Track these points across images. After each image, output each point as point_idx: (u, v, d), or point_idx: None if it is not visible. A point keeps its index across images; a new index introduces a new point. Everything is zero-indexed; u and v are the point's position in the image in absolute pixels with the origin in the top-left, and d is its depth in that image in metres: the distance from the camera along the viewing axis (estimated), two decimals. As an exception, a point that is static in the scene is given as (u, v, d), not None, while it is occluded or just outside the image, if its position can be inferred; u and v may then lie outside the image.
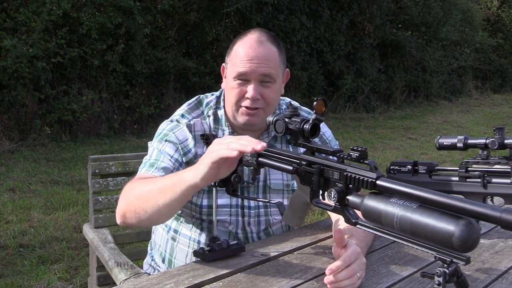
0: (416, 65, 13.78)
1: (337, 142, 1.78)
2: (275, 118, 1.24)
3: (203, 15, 9.19)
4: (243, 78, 1.55)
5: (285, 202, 1.65)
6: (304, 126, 1.18)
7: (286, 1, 10.15)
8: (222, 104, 1.67)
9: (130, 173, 2.16)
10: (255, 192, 1.64)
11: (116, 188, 2.15)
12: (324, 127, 1.74)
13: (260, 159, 1.27)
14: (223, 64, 1.67)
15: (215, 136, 1.41)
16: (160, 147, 1.57)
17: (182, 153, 1.58)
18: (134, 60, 8.04)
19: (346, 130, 9.38)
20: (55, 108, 7.34)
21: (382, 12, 12.51)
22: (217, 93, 1.71)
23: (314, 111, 1.18)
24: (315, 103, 1.18)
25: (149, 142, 1.66)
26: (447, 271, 0.91)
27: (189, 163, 1.57)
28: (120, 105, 8.24)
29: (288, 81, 1.74)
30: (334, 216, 1.54)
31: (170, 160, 1.54)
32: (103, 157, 2.16)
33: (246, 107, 1.56)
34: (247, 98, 1.55)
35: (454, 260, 0.90)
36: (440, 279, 0.91)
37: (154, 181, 1.34)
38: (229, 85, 1.59)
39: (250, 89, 1.54)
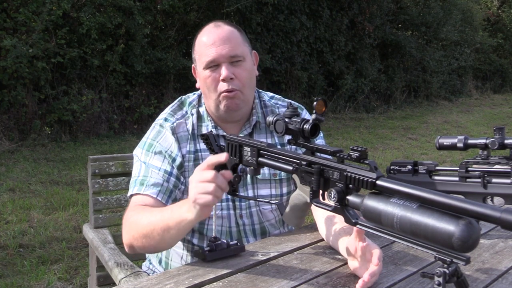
0: (416, 65, 13.78)
1: (321, 134, 1.78)
2: (275, 118, 1.24)
3: (203, 15, 9.19)
4: (213, 65, 1.57)
5: (273, 191, 1.68)
6: (304, 126, 1.18)
7: (286, 1, 10.15)
8: (203, 101, 1.69)
9: (130, 173, 2.15)
10: (243, 184, 1.66)
11: (116, 188, 2.15)
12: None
13: (260, 159, 1.27)
14: (193, 65, 1.69)
15: (215, 136, 1.41)
16: (148, 160, 1.59)
17: (170, 161, 1.59)
18: (134, 60, 8.04)
19: (346, 130, 9.38)
20: (55, 108, 7.34)
21: (382, 12, 12.51)
22: (198, 92, 1.73)
23: (314, 111, 1.18)
24: (315, 103, 1.18)
25: (134, 152, 1.66)
26: (447, 271, 0.91)
27: (181, 167, 1.60)
28: (120, 105, 8.24)
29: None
30: (319, 220, 1.53)
31: (158, 173, 1.56)
32: (103, 157, 2.16)
33: (224, 92, 1.57)
34: (222, 80, 1.56)
35: (454, 260, 0.90)
36: (440, 279, 0.91)
37: (154, 216, 1.38)
38: (202, 77, 1.61)
39: (222, 71, 1.56)
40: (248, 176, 1.65)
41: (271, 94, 1.81)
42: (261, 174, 1.65)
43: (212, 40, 1.56)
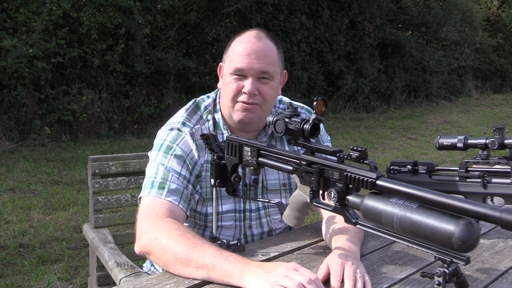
0: (416, 65, 13.78)
1: (329, 138, 1.78)
2: (275, 118, 1.24)
3: (203, 15, 9.19)
4: (240, 74, 1.53)
5: (284, 201, 1.64)
6: (304, 126, 1.18)
7: (286, 1, 10.14)
8: (218, 107, 1.65)
9: (130, 173, 2.16)
10: (255, 194, 1.64)
11: (116, 188, 2.15)
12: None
13: (260, 159, 1.28)
14: (220, 63, 1.65)
15: (215, 136, 1.41)
16: (166, 162, 1.51)
17: (190, 167, 1.53)
18: (134, 60, 8.04)
19: (346, 130, 9.38)
20: (55, 108, 7.34)
21: (382, 12, 12.51)
22: (213, 95, 1.69)
23: (314, 111, 1.18)
24: (315, 103, 1.18)
25: (149, 153, 1.61)
26: (447, 271, 0.91)
27: (199, 176, 1.55)
28: (120, 105, 8.24)
29: (288, 81, 1.74)
30: (325, 216, 1.52)
31: (178, 178, 1.49)
32: (103, 157, 2.16)
33: (243, 102, 1.54)
34: (244, 93, 1.53)
35: (454, 260, 0.90)
36: (440, 279, 0.91)
37: (194, 247, 1.23)
38: (225, 81, 1.57)
39: (247, 84, 1.52)
40: (259, 186, 1.63)
41: (279, 97, 1.76)
42: (271, 184, 1.65)
43: (248, 51, 1.52)
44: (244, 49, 1.53)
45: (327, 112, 10.17)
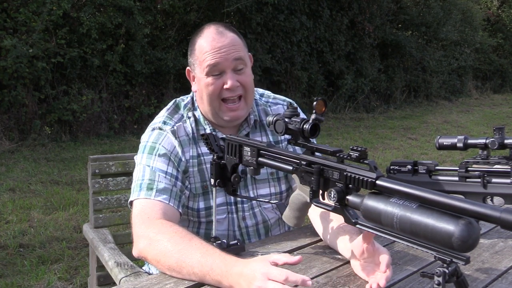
0: (416, 65, 13.78)
1: None
2: (275, 118, 1.24)
3: (203, 15, 9.19)
4: (216, 72, 1.55)
5: (272, 190, 1.67)
6: (304, 126, 1.18)
7: (286, 1, 10.14)
8: (196, 105, 1.67)
9: (130, 173, 2.16)
10: (244, 185, 1.65)
11: (116, 188, 2.15)
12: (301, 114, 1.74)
13: (260, 159, 1.28)
14: (187, 68, 1.66)
15: (214, 136, 1.41)
16: (151, 163, 1.52)
17: (176, 164, 1.54)
18: (134, 60, 8.04)
19: (346, 130, 9.38)
20: (55, 108, 7.34)
21: (382, 12, 12.51)
22: (191, 94, 1.71)
23: (314, 111, 1.18)
24: (315, 103, 1.18)
25: (135, 157, 1.61)
26: (447, 271, 0.91)
27: (186, 171, 1.56)
28: (120, 105, 8.24)
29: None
30: (314, 218, 1.51)
31: (165, 177, 1.49)
32: (103, 157, 2.16)
33: (227, 100, 1.56)
34: (227, 88, 1.55)
35: (454, 260, 0.90)
36: (440, 279, 0.91)
37: (183, 254, 1.23)
38: (202, 83, 1.57)
39: (227, 80, 1.54)
40: (248, 176, 1.63)
41: (261, 91, 1.80)
42: (260, 174, 1.66)
43: (216, 47, 1.53)
44: (211, 46, 1.54)
45: (327, 112, 10.18)
